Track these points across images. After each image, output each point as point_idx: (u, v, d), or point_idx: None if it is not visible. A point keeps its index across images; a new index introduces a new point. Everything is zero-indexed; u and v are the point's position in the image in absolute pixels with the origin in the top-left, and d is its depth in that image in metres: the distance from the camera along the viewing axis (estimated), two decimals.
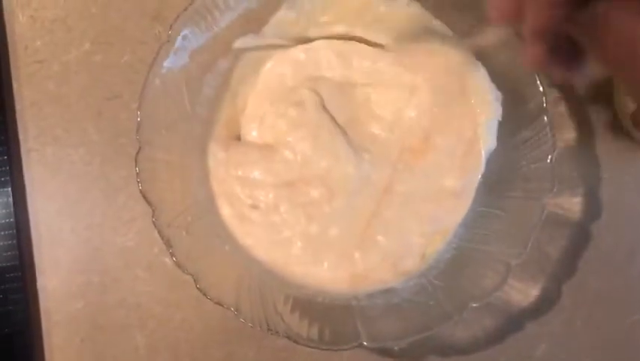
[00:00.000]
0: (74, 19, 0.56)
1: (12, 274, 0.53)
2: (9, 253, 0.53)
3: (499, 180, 0.49)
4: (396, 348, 0.52)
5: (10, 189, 0.54)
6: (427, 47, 0.49)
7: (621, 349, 0.52)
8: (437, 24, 0.50)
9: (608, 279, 0.53)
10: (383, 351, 0.52)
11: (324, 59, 0.50)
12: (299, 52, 0.51)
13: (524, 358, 0.52)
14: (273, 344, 0.53)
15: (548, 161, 0.46)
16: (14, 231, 0.53)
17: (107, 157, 0.55)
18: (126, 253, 0.54)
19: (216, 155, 0.49)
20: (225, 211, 0.48)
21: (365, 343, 0.44)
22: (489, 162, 0.49)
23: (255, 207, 0.48)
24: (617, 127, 0.53)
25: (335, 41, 0.50)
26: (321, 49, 0.50)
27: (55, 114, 0.55)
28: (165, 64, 0.47)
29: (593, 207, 0.53)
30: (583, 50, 0.32)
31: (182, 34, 0.47)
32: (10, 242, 0.53)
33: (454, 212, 0.49)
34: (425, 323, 0.45)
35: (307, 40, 0.51)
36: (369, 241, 0.48)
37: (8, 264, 0.53)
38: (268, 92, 0.51)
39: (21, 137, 0.55)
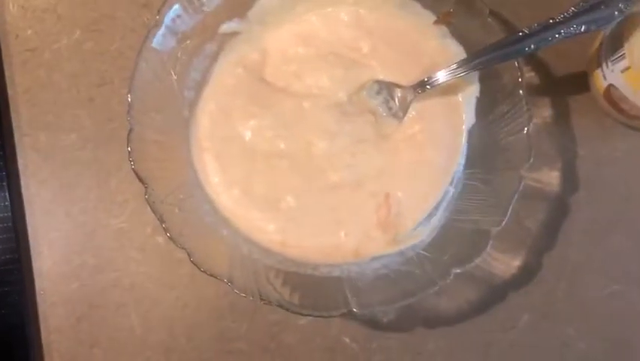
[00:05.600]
0: (64, 8, 0.57)
1: (8, 257, 0.54)
2: (4, 236, 0.54)
3: (480, 154, 0.51)
4: (384, 320, 0.54)
5: (4, 174, 0.55)
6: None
7: (601, 318, 0.53)
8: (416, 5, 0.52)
9: (587, 251, 0.54)
10: (372, 324, 0.54)
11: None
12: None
13: (508, 328, 0.54)
14: (265, 319, 0.54)
15: (525, 132, 0.47)
16: (9, 214, 0.54)
17: (99, 142, 0.56)
18: (120, 234, 0.55)
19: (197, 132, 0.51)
20: (210, 189, 0.50)
21: (354, 309, 0.45)
22: (469, 136, 0.51)
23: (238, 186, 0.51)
24: (591, 104, 0.55)
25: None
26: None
27: (47, 101, 0.57)
28: (153, 47, 0.48)
29: (570, 181, 0.55)
30: None
31: (169, 17, 0.48)
32: (5, 225, 0.54)
33: (438, 186, 0.51)
34: (411, 289, 0.46)
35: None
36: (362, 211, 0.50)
37: (4, 247, 0.54)
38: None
39: (14, 123, 0.56)
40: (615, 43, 0.48)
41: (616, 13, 0.44)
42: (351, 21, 0.52)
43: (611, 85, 0.51)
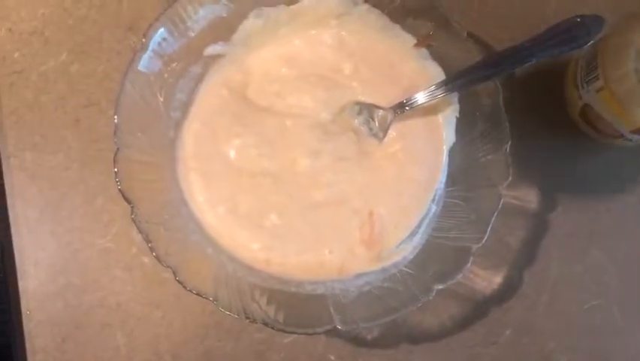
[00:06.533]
0: (52, 31, 0.58)
1: None
2: None
3: (460, 172, 0.52)
4: (369, 337, 0.54)
5: None
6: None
7: (581, 332, 0.54)
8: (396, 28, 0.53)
9: (567, 267, 0.55)
10: (357, 341, 0.54)
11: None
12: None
13: (490, 343, 0.55)
14: (250, 337, 0.55)
15: (503, 151, 0.49)
16: None
17: (85, 162, 0.57)
18: (105, 254, 0.56)
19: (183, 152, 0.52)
20: (196, 207, 0.51)
21: (338, 326, 0.46)
22: (450, 154, 0.52)
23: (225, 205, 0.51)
24: (568, 123, 0.56)
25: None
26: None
27: (33, 122, 0.57)
28: (139, 70, 0.49)
29: (549, 198, 0.56)
30: None
31: (155, 41, 0.49)
32: None
33: (421, 203, 0.52)
34: (394, 306, 0.47)
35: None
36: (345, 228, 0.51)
37: None
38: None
39: (0, 144, 0.57)
40: (590, 64, 0.50)
41: (587, 36, 0.46)
42: (333, 43, 0.54)
43: (586, 104, 0.52)
